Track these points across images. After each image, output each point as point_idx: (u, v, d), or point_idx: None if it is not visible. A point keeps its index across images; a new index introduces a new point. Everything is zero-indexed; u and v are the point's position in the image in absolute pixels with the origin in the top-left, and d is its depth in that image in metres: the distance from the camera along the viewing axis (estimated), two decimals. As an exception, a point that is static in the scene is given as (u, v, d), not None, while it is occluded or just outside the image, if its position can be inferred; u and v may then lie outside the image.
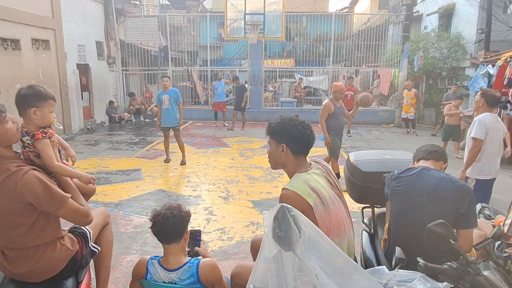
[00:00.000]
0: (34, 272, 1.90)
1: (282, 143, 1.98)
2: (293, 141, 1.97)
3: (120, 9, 12.99)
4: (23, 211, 1.81)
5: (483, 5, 10.24)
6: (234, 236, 4.13)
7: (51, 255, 1.92)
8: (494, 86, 8.13)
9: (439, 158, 2.28)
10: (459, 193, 1.98)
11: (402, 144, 9.58)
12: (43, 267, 1.91)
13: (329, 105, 5.70)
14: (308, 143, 1.99)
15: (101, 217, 2.46)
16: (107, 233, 2.49)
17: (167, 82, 6.96)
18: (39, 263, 1.89)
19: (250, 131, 11.01)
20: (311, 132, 1.99)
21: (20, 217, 1.82)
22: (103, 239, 2.44)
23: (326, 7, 24.51)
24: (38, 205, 1.81)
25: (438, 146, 2.36)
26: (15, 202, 1.78)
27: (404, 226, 2.10)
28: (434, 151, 2.29)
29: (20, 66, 8.02)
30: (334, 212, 1.88)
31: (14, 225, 1.83)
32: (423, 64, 11.98)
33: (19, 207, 1.79)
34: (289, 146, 1.98)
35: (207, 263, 1.98)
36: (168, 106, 6.95)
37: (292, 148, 1.98)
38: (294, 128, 1.95)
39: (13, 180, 1.77)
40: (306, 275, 1.31)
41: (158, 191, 5.61)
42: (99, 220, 2.41)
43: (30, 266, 1.87)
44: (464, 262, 1.55)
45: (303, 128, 1.96)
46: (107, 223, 2.52)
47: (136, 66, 13.46)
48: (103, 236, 2.45)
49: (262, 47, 12.85)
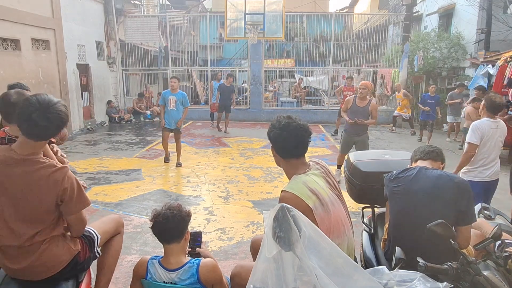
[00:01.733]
0: (35, 269, 1.88)
1: (272, 147, 2.03)
2: (279, 147, 1.98)
3: (120, 9, 12.98)
4: (51, 208, 1.86)
5: (483, 5, 10.24)
6: (234, 236, 4.13)
7: (53, 251, 1.92)
8: (494, 86, 8.13)
9: (437, 158, 2.28)
10: (458, 191, 2.00)
11: (402, 144, 9.59)
12: (44, 264, 1.89)
13: (349, 99, 5.82)
14: (297, 149, 1.96)
15: (112, 224, 2.40)
16: (115, 242, 2.42)
17: (175, 83, 6.72)
18: (41, 259, 1.88)
19: (250, 131, 11.01)
20: (300, 137, 1.93)
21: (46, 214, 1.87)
22: (111, 248, 2.38)
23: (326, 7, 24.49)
24: (67, 202, 1.86)
25: (435, 146, 2.36)
26: (52, 195, 1.83)
27: (404, 226, 2.10)
28: (432, 151, 2.30)
29: (20, 66, 8.02)
30: (334, 213, 1.87)
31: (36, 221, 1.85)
32: (423, 64, 11.96)
33: (51, 202, 1.84)
34: (276, 151, 2.00)
35: (207, 263, 1.98)
36: (174, 108, 6.72)
37: (279, 152, 2.00)
38: (279, 135, 1.94)
39: (62, 174, 1.84)
40: (306, 275, 1.31)
41: (158, 191, 5.61)
42: (110, 227, 2.37)
43: (31, 262, 1.86)
44: (464, 262, 1.55)
45: (290, 135, 1.91)
46: (119, 232, 2.45)
47: (136, 66, 13.45)
48: (112, 244, 2.39)
49: (262, 47, 12.85)
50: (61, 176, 1.83)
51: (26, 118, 1.76)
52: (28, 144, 1.81)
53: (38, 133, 1.80)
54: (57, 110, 1.81)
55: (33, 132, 1.79)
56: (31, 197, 1.81)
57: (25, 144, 1.82)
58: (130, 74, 13.91)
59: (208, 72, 13.66)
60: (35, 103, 1.76)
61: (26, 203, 1.82)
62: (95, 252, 2.20)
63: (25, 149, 1.82)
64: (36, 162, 1.82)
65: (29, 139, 1.80)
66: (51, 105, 1.80)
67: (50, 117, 1.78)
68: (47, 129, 1.80)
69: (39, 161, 1.83)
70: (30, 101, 1.77)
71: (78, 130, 10.52)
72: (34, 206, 1.83)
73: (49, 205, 1.84)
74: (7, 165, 1.80)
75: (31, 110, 1.75)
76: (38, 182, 1.80)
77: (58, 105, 1.83)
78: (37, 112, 1.75)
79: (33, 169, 1.80)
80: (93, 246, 2.17)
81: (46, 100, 1.80)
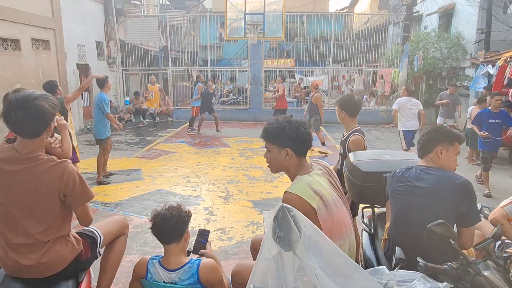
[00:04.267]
0: (40, 266, 1.89)
1: (287, 148, 1.94)
2: (298, 143, 1.94)
3: (120, 9, 12.99)
4: (56, 203, 1.87)
5: (483, 5, 10.24)
6: (234, 236, 4.13)
7: (59, 249, 1.93)
8: (494, 86, 8.13)
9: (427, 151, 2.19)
10: (459, 193, 1.97)
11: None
12: (50, 262, 1.91)
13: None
14: (309, 143, 2.01)
15: (117, 225, 2.39)
16: (119, 243, 2.40)
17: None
18: (46, 256, 1.89)
19: (250, 131, 11.00)
20: (309, 135, 2.00)
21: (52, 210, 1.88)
22: (115, 249, 2.37)
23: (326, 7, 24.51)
24: (71, 195, 1.87)
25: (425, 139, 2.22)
26: (54, 190, 1.83)
27: (405, 226, 2.10)
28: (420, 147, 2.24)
29: (20, 66, 8.02)
30: (337, 214, 1.87)
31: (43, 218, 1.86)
32: (423, 64, 11.97)
33: (55, 197, 1.85)
34: (294, 149, 1.95)
35: (207, 263, 1.98)
36: None
37: (297, 150, 1.95)
38: (297, 131, 1.93)
39: (61, 168, 1.85)
40: (306, 275, 1.31)
41: (158, 191, 5.61)
42: (114, 228, 2.36)
43: (39, 259, 1.87)
44: (464, 262, 1.55)
45: (304, 129, 1.96)
46: (123, 233, 2.44)
47: (136, 66, 13.46)
48: (115, 245, 2.38)
49: (262, 47, 12.85)
50: (61, 170, 1.85)
51: (7, 119, 1.76)
52: (24, 142, 1.83)
53: (22, 131, 1.80)
54: (36, 105, 1.76)
55: (18, 131, 1.80)
56: (35, 193, 1.83)
57: (23, 143, 1.84)
58: (130, 74, 13.92)
59: (208, 72, 13.66)
60: (13, 102, 1.76)
61: (31, 200, 1.83)
62: (96, 252, 2.20)
63: (24, 148, 1.84)
64: (35, 158, 1.84)
65: (22, 138, 1.83)
66: (29, 100, 1.76)
67: (28, 113, 1.75)
68: (28, 126, 1.79)
69: (38, 157, 1.85)
70: (10, 101, 1.77)
71: (78, 130, 10.51)
72: (39, 203, 1.85)
73: (53, 200, 1.86)
74: (10, 164, 1.82)
75: (9, 110, 1.75)
76: (39, 178, 1.82)
77: (37, 99, 1.78)
78: (14, 110, 1.74)
79: (32, 165, 1.82)
80: (95, 246, 2.17)
81: (23, 96, 1.77)
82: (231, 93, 16.83)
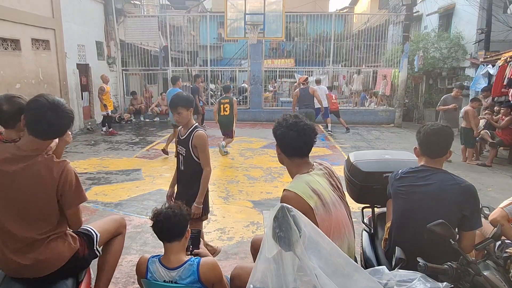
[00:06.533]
0: (39, 265, 1.90)
1: (277, 145, 2.04)
2: (285, 145, 1.99)
3: (120, 9, 12.98)
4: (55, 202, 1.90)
5: (483, 5, 10.24)
6: (234, 236, 4.13)
7: (57, 247, 1.94)
8: (494, 86, 8.14)
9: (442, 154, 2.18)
10: (463, 196, 1.96)
11: (402, 144, 9.58)
12: (47, 260, 1.92)
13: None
14: (302, 148, 1.97)
15: (113, 224, 2.41)
16: (117, 242, 2.42)
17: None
18: (44, 254, 1.90)
19: (250, 131, 11.00)
20: (307, 137, 1.94)
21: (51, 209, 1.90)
22: (112, 248, 2.39)
23: (326, 7, 24.52)
24: (66, 194, 1.90)
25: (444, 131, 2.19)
26: (52, 189, 1.86)
27: (406, 226, 2.09)
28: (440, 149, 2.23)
29: (20, 66, 8.02)
30: (335, 214, 1.87)
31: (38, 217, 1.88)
32: (423, 64, 11.97)
33: (53, 196, 1.88)
34: (282, 149, 2.02)
35: (207, 262, 1.99)
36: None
37: (284, 151, 2.01)
38: (287, 133, 1.95)
39: (60, 167, 1.89)
40: (306, 275, 1.31)
41: (158, 191, 5.60)
42: (111, 227, 2.38)
43: (37, 257, 1.89)
44: (464, 262, 1.55)
45: (297, 134, 1.92)
46: (120, 233, 2.45)
47: (136, 66, 13.45)
48: (113, 244, 2.39)
49: (262, 47, 12.85)
50: (60, 169, 1.88)
51: (39, 118, 1.82)
52: (34, 142, 1.87)
53: (50, 132, 1.88)
54: (67, 110, 1.92)
55: (45, 131, 1.86)
56: (33, 191, 1.85)
57: (31, 143, 1.87)
58: (130, 74, 13.91)
59: (208, 72, 13.66)
60: (46, 104, 1.84)
61: (31, 198, 1.86)
62: (94, 250, 2.20)
63: (31, 145, 1.88)
64: (37, 156, 1.88)
65: (36, 138, 1.87)
66: (61, 104, 1.89)
67: (62, 116, 1.87)
68: (58, 128, 1.90)
69: (39, 155, 1.89)
70: (41, 102, 1.85)
71: (78, 130, 10.51)
72: (37, 200, 1.86)
73: (51, 198, 1.88)
74: (11, 162, 1.84)
75: (44, 110, 1.83)
76: (37, 176, 1.85)
77: (66, 105, 1.94)
78: (50, 111, 1.83)
79: (32, 163, 1.85)
80: (91, 243, 2.18)
81: (56, 100, 1.90)
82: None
